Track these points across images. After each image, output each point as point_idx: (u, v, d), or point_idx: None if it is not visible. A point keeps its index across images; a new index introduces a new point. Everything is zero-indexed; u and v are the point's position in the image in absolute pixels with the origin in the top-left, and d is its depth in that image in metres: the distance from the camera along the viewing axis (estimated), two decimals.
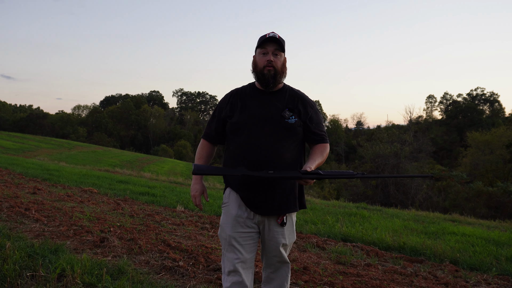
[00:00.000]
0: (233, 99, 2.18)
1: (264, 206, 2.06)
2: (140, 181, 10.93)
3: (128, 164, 33.23)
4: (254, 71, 2.15)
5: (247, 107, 2.13)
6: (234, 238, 2.07)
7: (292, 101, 2.14)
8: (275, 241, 2.12)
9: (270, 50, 2.08)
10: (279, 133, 2.06)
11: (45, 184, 8.64)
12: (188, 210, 6.50)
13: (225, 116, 2.16)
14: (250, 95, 2.17)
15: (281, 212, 2.09)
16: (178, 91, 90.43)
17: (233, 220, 2.09)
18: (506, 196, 18.08)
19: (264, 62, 2.09)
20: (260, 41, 2.11)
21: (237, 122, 2.10)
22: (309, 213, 6.79)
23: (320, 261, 3.91)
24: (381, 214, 7.53)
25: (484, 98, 66.07)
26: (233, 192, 2.14)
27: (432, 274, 3.65)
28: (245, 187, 2.08)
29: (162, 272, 3.27)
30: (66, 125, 67.81)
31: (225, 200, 2.17)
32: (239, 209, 2.10)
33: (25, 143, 38.78)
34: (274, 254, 2.14)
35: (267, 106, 2.11)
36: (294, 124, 2.08)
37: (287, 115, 2.08)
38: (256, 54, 2.16)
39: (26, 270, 2.96)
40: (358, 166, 27.46)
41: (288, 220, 2.15)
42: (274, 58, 2.09)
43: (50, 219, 4.87)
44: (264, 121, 2.07)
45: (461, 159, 37.20)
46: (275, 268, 2.19)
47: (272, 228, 2.12)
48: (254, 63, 2.15)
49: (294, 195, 2.14)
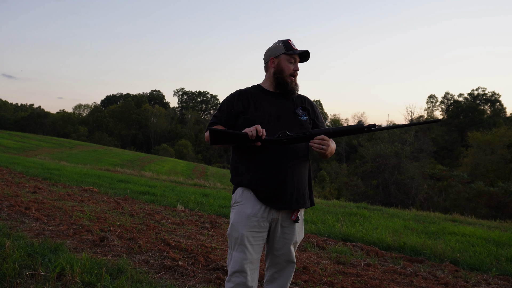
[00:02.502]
0: (243, 97, 2.19)
1: (282, 199, 2.07)
2: (141, 180, 10.93)
3: (128, 163, 33.25)
4: (276, 75, 2.19)
5: (261, 105, 2.16)
6: (247, 237, 2.05)
7: (301, 102, 2.27)
8: (287, 239, 2.13)
9: (297, 60, 2.20)
10: (294, 129, 2.12)
11: (46, 183, 8.64)
12: (188, 209, 6.51)
13: (238, 111, 2.15)
14: (260, 95, 2.21)
15: (298, 206, 2.11)
16: (179, 91, 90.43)
17: (247, 219, 2.07)
18: (507, 196, 18.07)
19: (291, 70, 2.18)
20: (289, 50, 2.17)
21: (253, 118, 2.11)
22: (309, 213, 6.79)
23: (320, 261, 3.91)
24: (382, 214, 7.52)
25: (485, 98, 65.94)
26: (246, 190, 2.12)
27: (432, 274, 3.64)
28: (261, 181, 2.07)
29: (162, 271, 3.27)
30: (67, 124, 67.88)
31: (238, 199, 2.14)
32: (253, 207, 2.08)
33: (26, 142, 38.85)
34: (283, 252, 2.14)
35: (280, 105, 2.19)
36: (306, 121, 2.20)
37: (300, 113, 2.20)
38: (280, 58, 2.19)
39: (25, 269, 2.96)
40: (359, 166, 27.42)
41: (300, 217, 2.18)
42: (298, 67, 2.20)
43: (50, 218, 4.88)
44: (279, 118, 2.14)
45: (462, 159, 37.13)
46: (280, 267, 2.19)
47: (285, 225, 2.13)
48: (279, 67, 2.19)
49: (307, 190, 2.19)
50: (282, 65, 2.18)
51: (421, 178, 23.14)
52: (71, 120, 70.90)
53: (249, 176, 2.10)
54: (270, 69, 2.23)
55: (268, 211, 2.09)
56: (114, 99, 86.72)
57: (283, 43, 2.20)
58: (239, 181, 2.16)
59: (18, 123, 64.36)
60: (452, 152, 52.30)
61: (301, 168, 2.15)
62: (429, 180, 23.56)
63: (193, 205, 6.82)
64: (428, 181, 23.40)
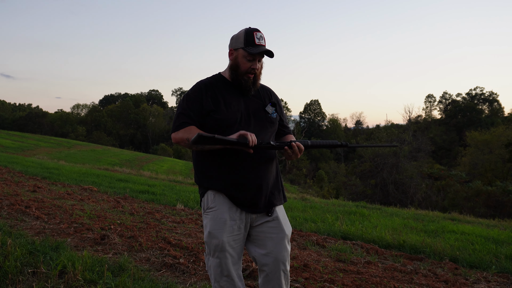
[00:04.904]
0: (210, 92, 2.00)
1: (256, 203, 1.99)
2: (140, 179, 10.93)
3: (127, 163, 33.18)
4: (233, 71, 2.01)
5: (230, 102, 2.00)
6: (228, 242, 1.96)
7: (268, 96, 2.14)
8: (275, 234, 2.03)
9: (257, 58, 1.98)
10: (266, 128, 2.05)
11: (45, 182, 8.63)
12: (188, 208, 6.51)
13: (208, 110, 1.97)
14: (225, 89, 2.03)
15: (271, 206, 2.04)
16: (177, 90, 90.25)
17: (224, 224, 1.96)
18: (505, 195, 18.14)
19: (248, 68, 1.98)
20: (248, 44, 1.95)
21: (226, 119, 1.95)
22: (308, 212, 6.81)
23: (320, 259, 3.92)
24: (381, 213, 7.54)
25: (483, 97, 66.09)
26: (218, 194, 1.99)
27: (432, 272, 3.66)
28: (238, 187, 1.97)
29: (163, 269, 3.27)
30: (65, 124, 67.69)
31: (211, 205, 1.99)
32: (229, 211, 1.97)
33: (25, 141, 38.73)
34: (273, 249, 2.00)
35: (249, 101, 2.05)
36: (275, 119, 2.11)
37: (270, 110, 2.09)
38: (239, 53, 1.98)
39: (27, 266, 2.97)
40: (357, 166, 27.47)
41: (279, 211, 2.09)
42: (257, 65, 2.00)
43: (51, 217, 4.88)
44: (250, 116, 2.02)
45: (460, 158, 37.24)
46: (268, 271, 2.03)
47: (265, 223, 2.04)
48: (235, 62, 2.00)
49: (279, 188, 2.12)
50: (238, 61, 1.99)
51: (419, 178, 23.19)
52: (69, 119, 70.71)
53: (222, 181, 1.97)
54: (229, 60, 2.05)
55: (245, 213, 2.01)
56: (112, 99, 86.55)
57: (245, 35, 1.96)
58: (209, 185, 2.01)
59: (16, 123, 64.18)
60: (450, 151, 52.41)
61: (273, 169, 2.08)
62: (427, 180, 23.60)
63: (192, 204, 6.83)
64: (426, 181, 23.44)
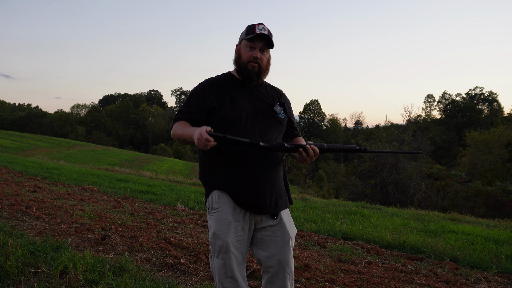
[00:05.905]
0: (215, 89, 1.99)
1: (260, 204, 1.96)
2: (140, 179, 10.93)
3: (127, 163, 33.17)
4: (237, 63, 2.03)
5: (236, 100, 1.98)
6: (232, 243, 1.93)
7: (277, 96, 2.13)
8: (280, 238, 2.00)
9: (258, 46, 1.97)
10: (273, 127, 2.02)
11: (45, 182, 8.63)
12: (188, 208, 6.51)
13: (211, 107, 1.95)
14: (233, 87, 2.02)
15: (277, 209, 2.00)
16: (176, 90, 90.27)
17: (229, 225, 1.93)
18: (505, 195, 18.14)
19: (249, 57, 1.97)
20: (248, 34, 1.96)
21: (230, 116, 1.94)
22: (309, 212, 6.81)
23: (321, 259, 3.92)
24: (381, 213, 7.54)
25: (483, 97, 66.16)
26: (223, 194, 1.97)
27: (432, 272, 3.66)
28: (241, 186, 1.94)
29: (164, 269, 3.27)
30: (65, 124, 67.70)
31: (215, 205, 1.97)
32: (234, 212, 1.95)
33: (24, 142, 38.71)
34: (278, 252, 1.98)
35: (256, 100, 2.03)
36: (283, 119, 2.08)
37: (278, 110, 2.06)
38: (242, 45, 2.01)
39: (28, 267, 2.97)
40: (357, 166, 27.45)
41: (284, 214, 2.06)
42: (260, 55, 1.98)
43: (51, 217, 4.87)
44: (256, 115, 1.99)
45: (460, 158, 37.25)
46: (272, 273, 2.01)
47: (270, 227, 2.01)
48: (238, 54, 2.02)
49: (285, 191, 2.09)
50: (241, 52, 2.01)
51: (419, 178, 23.18)
52: (69, 120, 70.72)
53: (227, 179, 1.96)
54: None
55: (249, 214, 1.98)
56: (112, 99, 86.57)
57: (247, 28, 1.99)
58: (213, 183, 2.00)
59: (16, 123, 64.18)
60: (450, 151, 52.43)
61: (279, 171, 2.05)
62: (427, 180, 23.59)
63: (193, 204, 6.83)
64: (426, 181, 23.43)
